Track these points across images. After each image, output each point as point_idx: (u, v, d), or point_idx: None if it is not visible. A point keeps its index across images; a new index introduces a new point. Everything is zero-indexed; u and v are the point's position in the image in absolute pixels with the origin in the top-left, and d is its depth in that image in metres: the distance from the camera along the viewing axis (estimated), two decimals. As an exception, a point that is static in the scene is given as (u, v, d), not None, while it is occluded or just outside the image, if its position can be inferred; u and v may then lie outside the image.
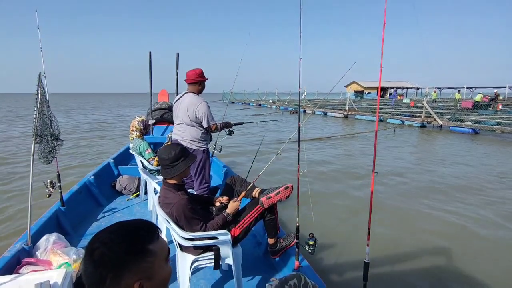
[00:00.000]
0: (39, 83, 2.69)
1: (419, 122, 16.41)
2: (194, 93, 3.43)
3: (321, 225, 4.33)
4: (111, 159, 5.24)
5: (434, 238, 4.21)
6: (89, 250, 0.77)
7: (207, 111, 3.33)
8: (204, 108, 3.32)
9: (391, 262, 3.61)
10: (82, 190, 4.02)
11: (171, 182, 2.26)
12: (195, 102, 3.32)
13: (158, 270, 0.80)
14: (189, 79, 3.42)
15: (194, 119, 3.32)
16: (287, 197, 2.46)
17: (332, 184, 6.61)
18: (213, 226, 2.26)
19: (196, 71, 3.42)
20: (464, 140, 12.40)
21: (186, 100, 3.37)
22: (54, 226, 3.12)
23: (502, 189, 6.18)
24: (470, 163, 8.43)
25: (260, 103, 39.23)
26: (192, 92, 3.44)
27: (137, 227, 0.82)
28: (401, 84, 57.36)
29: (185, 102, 3.36)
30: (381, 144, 11.21)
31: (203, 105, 3.32)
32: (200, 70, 3.45)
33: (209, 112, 3.36)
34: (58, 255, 2.50)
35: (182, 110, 3.38)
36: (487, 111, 21.18)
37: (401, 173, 7.36)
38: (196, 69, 3.44)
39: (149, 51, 6.37)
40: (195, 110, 3.29)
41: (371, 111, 21.90)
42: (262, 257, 2.99)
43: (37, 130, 2.75)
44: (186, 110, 3.33)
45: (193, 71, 3.42)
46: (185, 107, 3.34)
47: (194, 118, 3.32)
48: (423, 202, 5.46)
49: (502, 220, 4.74)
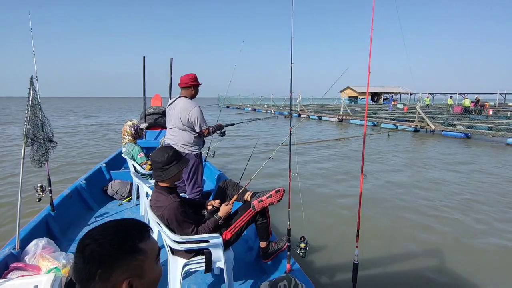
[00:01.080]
0: (31, 86, 2.68)
1: (412, 126, 16.63)
2: (187, 98, 3.43)
3: (313, 228, 4.35)
4: (103, 164, 5.18)
5: (424, 239, 4.26)
6: (80, 246, 0.77)
7: (199, 116, 3.33)
8: (197, 113, 3.32)
9: (381, 263, 3.63)
10: (72, 195, 3.96)
11: (163, 185, 2.25)
12: (187, 107, 3.32)
13: (148, 270, 0.80)
14: (182, 83, 3.42)
15: (187, 123, 3.32)
16: (279, 200, 2.47)
17: (324, 187, 6.65)
18: (204, 230, 2.25)
19: (190, 75, 3.43)
20: (457, 144, 12.56)
21: (179, 104, 3.37)
22: (43, 231, 3.07)
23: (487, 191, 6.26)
24: (460, 166, 8.54)
25: (255, 107, 39.31)
26: (185, 96, 3.43)
27: (129, 225, 0.82)
28: (394, 89, 57.93)
29: (178, 107, 3.36)
30: (375, 148, 11.29)
31: (195, 109, 3.32)
32: (193, 75, 3.45)
33: (201, 116, 3.36)
34: (47, 260, 2.47)
35: (174, 115, 3.37)
36: (479, 116, 21.46)
37: (393, 176, 7.43)
38: (190, 74, 3.44)
39: (143, 56, 6.38)
40: (188, 114, 3.29)
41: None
42: (253, 261, 2.98)
43: (28, 133, 2.73)
44: (178, 114, 3.33)
45: (186, 75, 3.43)
46: (178, 111, 3.33)
47: (186, 123, 3.32)
48: (413, 205, 5.51)
49: (493, 222, 4.80)
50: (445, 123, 16.36)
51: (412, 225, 4.71)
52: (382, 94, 56.19)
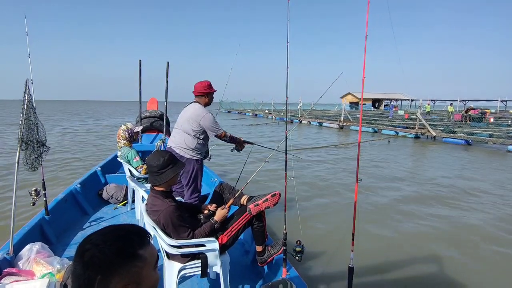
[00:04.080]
0: (26, 89, 2.68)
1: (413, 133, 16.60)
2: (200, 104, 3.39)
3: (309, 231, 4.33)
4: (98, 167, 5.14)
5: (420, 244, 4.26)
6: (80, 251, 0.76)
7: (212, 122, 3.31)
8: (210, 119, 3.29)
9: (377, 268, 3.61)
10: (67, 199, 3.92)
11: (159, 189, 2.24)
12: (199, 113, 3.28)
13: (147, 276, 0.79)
14: (196, 91, 3.39)
15: (196, 128, 3.28)
16: (275, 204, 2.45)
17: (320, 191, 6.64)
18: (200, 234, 2.24)
19: (203, 83, 3.38)
20: (458, 150, 12.54)
21: (191, 109, 3.34)
22: (37, 235, 3.04)
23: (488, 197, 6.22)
24: (461, 172, 8.52)
25: (256, 113, 39.36)
26: (198, 102, 3.41)
27: (129, 231, 0.81)
28: (395, 95, 58.08)
29: (189, 111, 3.33)
30: (374, 154, 11.30)
31: (208, 116, 3.29)
32: (207, 83, 3.39)
33: (214, 122, 3.34)
34: (41, 265, 2.45)
35: (184, 118, 3.35)
36: (480, 123, 21.43)
37: (390, 182, 7.41)
38: (204, 82, 3.39)
39: (139, 60, 6.42)
40: (199, 121, 3.26)
41: (366, 122, 22.08)
42: (250, 265, 2.96)
43: (23, 136, 2.72)
44: (188, 118, 3.30)
45: (200, 83, 3.39)
46: (188, 116, 3.31)
47: (195, 128, 3.28)
48: (410, 211, 5.49)
49: (491, 228, 4.77)
50: (446, 129, 16.36)
51: (408, 231, 4.69)
52: (383, 101, 56.33)
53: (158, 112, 6.97)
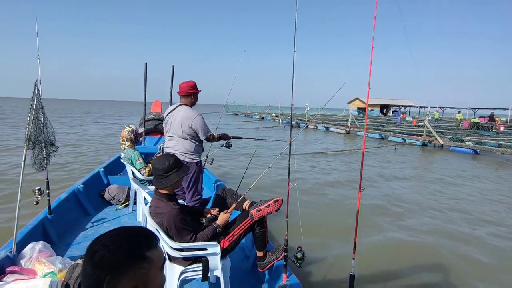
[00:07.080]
0: (35, 90, 2.71)
1: (420, 141, 16.35)
2: (187, 106, 3.39)
3: (310, 238, 4.29)
4: (101, 168, 5.15)
5: (422, 253, 4.24)
6: (90, 252, 0.78)
7: (202, 124, 3.32)
8: (200, 121, 3.30)
9: (378, 276, 3.59)
10: (70, 199, 3.94)
11: (163, 192, 2.26)
12: (190, 116, 3.28)
13: (153, 278, 0.81)
14: (181, 91, 3.37)
15: (188, 131, 3.28)
16: (277, 210, 2.45)
17: (323, 198, 6.61)
18: (202, 237, 2.25)
19: (189, 83, 3.38)
20: (465, 160, 12.37)
21: (180, 113, 3.33)
22: (40, 235, 3.06)
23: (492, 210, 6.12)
24: (466, 183, 8.41)
25: (263, 116, 39.30)
26: (185, 104, 3.40)
27: (138, 233, 0.83)
28: (404, 102, 57.61)
29: (179, 116, 3.32)
30: (380, 161, 11.21)
31: (198, 118, 3.29)
32: (192, 83, 3.40)
33: (204, 124, 3.34)
34: (43, 264, 2.47)
35: (175, 123, 3.33)
36: (489, 132, 21.13)
37: (394, 190, 7.36)
38: (189, 82, 3.39)
39: (145, 62, 6.46)
40: (191, 123, 3.26)
41: (373, 128, 21.92)
42: (250, 270, 2.95)
43: (31, 136, 2.75)
44: (180, 123, 3.28)
45: (185, 83, 3.38)
46: (179, 120, 3.29)
47: (188, 131, 3.28)
48: (413, 218, 5.46)
49: (492, 238, 4.72)
50: (454, 138, 16.10)
51: (410, 239, 4.65)
52: (391, 107, 55.92)
53: (161, 115, 7.01)
